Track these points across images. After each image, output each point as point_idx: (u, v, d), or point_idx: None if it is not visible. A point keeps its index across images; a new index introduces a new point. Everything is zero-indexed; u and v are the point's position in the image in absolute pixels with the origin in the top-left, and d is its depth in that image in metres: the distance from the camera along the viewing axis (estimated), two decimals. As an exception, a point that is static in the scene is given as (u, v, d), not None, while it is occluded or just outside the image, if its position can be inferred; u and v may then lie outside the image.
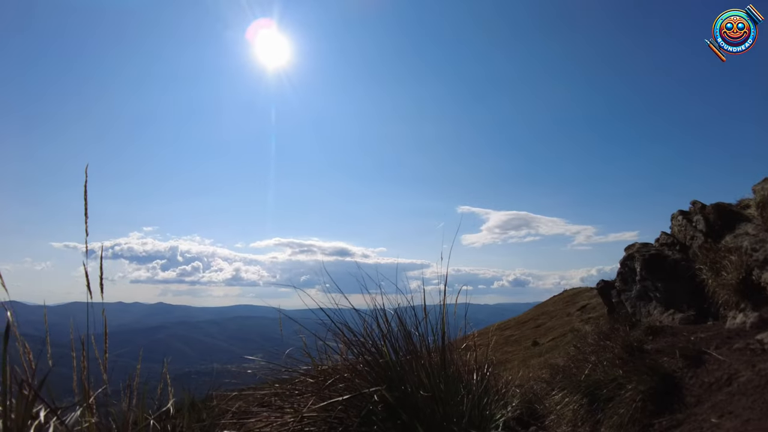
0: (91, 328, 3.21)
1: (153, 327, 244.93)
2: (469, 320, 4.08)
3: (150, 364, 3.77)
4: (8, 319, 2.57)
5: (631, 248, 8.25)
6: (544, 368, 7.80)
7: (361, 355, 3.38)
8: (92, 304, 3.15)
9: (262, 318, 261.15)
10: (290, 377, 3.59)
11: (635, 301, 7.76)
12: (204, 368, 5.66)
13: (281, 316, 4.20)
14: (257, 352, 3.95)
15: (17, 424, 2.36)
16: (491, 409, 3.43)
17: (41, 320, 3.21)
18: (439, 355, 3.44)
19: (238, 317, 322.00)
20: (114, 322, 33.24)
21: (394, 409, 2.98)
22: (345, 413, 3.01)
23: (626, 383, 3.93)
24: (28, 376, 2.81)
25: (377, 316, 3.52)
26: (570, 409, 4.33)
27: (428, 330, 3.60)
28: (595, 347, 5.23)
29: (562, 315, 17.37)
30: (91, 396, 3.09)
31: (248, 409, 3.40)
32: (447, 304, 3.69)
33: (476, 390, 3.39)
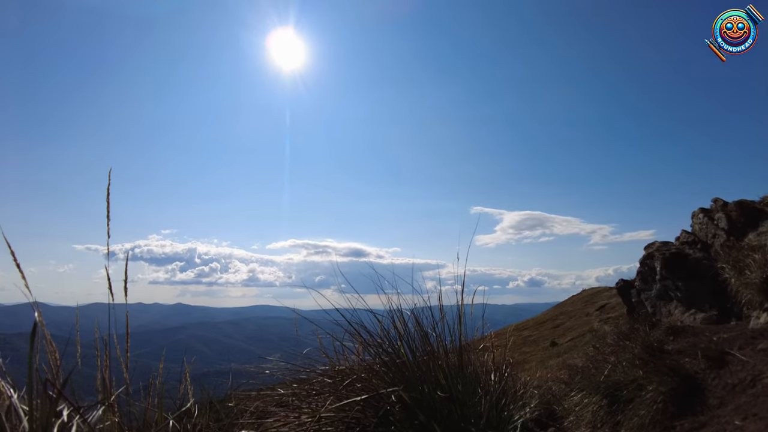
0: (112, 329, 3.26)
1: (173, 327, 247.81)
2: (487, 321, 4.06)
3: (169, 364, 3.81)
4: (35, 320, 2.62)
5: (651, 247, 8.13)
6: (563, 369, 7.73)
7: (378, 355, 3.38)
8: (113, 305, 3.21)
9: (279, 318, 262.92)
10: (308, 377, 3.61)
11: (655, 300, 7.65)
12: (222, 368, 5.72)
13: (297, 316, 4.22)
14: (275, 352, 3.97)
15: (42, 423, 2.41)
16: (509, 410, 3.41)
17: (64, 321, 3.28)
18: (456, 355, 3.43)
19: (256, 317, 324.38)
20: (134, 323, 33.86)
21: (412, 409, 2.98)
22: (362, 413, 3.02)
23: (647, 384, 3.87)
24: (52, 375, 2.86)
25: (393, 316, 3.52)
26: (589, 410, 4.29)
27: (445, 330, 3.59)
28: (614, 347, 5.17)
29: (581, 315, 17.19)
30: (113, 395, 3.14)
31: (266, 409, 3.42)
32: (464, 305, 3.68)
33: (494, 391, 3.37)
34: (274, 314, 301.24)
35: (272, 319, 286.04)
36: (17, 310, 26.77)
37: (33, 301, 2.85)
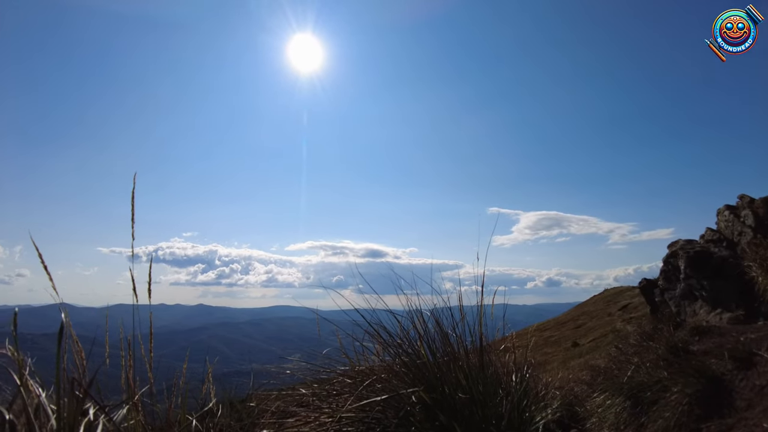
0: (136, 329, 3.32)
1: (194, 328, 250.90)
2: (507, 321, 4.04)
3: (191, 364, 3.87)
4: (62, 320, 2.69)
5: (675, 245, 7.99)
6: (585, 370, 7.63)
7: (398, 356, 3.39)
8: (137, 306, 3.27)
9: (299, 318, 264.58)
10: (328, 377, 3.63)
11: (679, 300, 7.51)
12: (244, 368, 5.78)
13: (317, 317, 4.24)
14: (295, 352, 4.00)
15: (69, 421, 2.46)
16: (531, 411, 3.39)
17: (89, 321, 3.35)
18: (477, 356, 3.42)
19: (276, 318, 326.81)
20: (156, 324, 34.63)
21: (432, 410, 2.98)
22: (383, 414, 3.02)
23: (672, 386, 3.80)
24: (79, 375, 2.92)
25: (413, 317, 3.53)
26: (612, 412, 4.22)
27: (465, 331, 3.58)
28: (637, 348, 5.09)
29: (603, 315, 16.97)
30: (137, 395, 3.20)
31: (287, 409, 3.45)
32: (484, 305, 3.67)
33: (515, 392, 3.35)
34: (294, 314, 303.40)
35: (292, 319, 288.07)
36: (45, 311, 27.50)
37: (59, 303, 2.92)
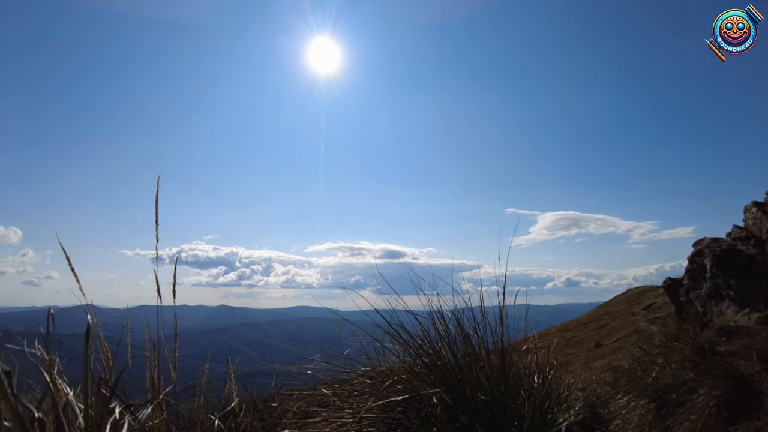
0: (159, 330, 3.38)
1: (217, 329, 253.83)
2: (529, 322, 4.00)
3: (214, 365, 3.92)
4: (89, 321, 2.75)
5: (700, 243, 7.82)
6: (608, 371, 7.52)
7: (418, 357, 3.38)
8: (160, 307, 3.32)
9: (319, 319, 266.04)
10: (349, 378, 3.64)
11: (706, 299, 7.35)
12: (265, 369, 5.83)
13: (338, 317, 4.26)
14: (316, 352, 4.03)
15: (96, 420, 2.52)
16: (553, 412, 3.35)
17: (113, 322, 3.42)
18: (498, 357, 3.40)
19: (297, 318, 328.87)
20: (179, 324, 35.09)
21: (454, 411, 2.97)
22: (404, 414, 3.02)
23: (698, 387, 3.73)
24: (105, 374, 2.98)
25: (434, 317, 3.52)
26: (636, 414, 4.15)
27: (487, 332, 3.57)
28: (662, 349, 5.01)
29: (627, 315, 16.68)
30: (161, 394, 3.25)
31: (308, 410, 3.47)
32: (506, 306, 3.65)
33: (537, 393, 3.32)
34: (314, 315, 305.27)
35: (312, 320, 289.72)
36: (72, 312, 28.31)
37: (86, 304, 2.99)
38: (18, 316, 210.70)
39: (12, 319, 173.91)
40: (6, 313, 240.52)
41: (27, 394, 2.76)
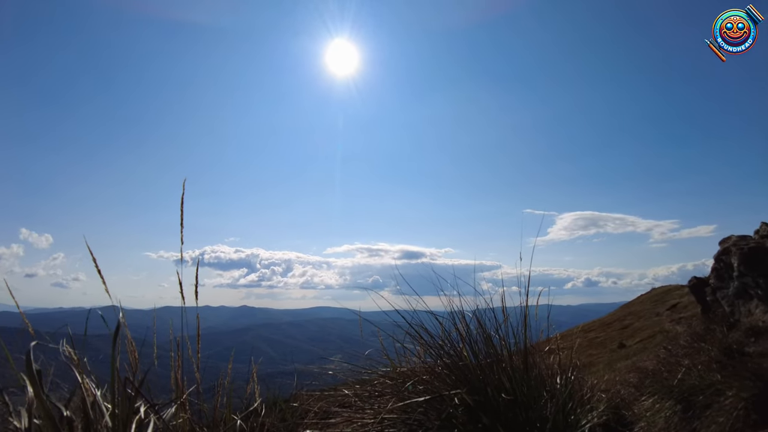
0: (183, 331, 3.43)
1: (238, 329, 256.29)
2: (551, 322, 3.97)
3: (236, 365, 3.96)
4: (118, 322, 2.81)
5: (727, 241, 7.65)
6: (632, 372, 7.39)
7: (439, 357, 3.37)
8: (184, 307, 3.37)
9: (339, 319, 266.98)
10: (369, 378, 3.65)
11: (733, 299, 7.19)
12: (286, 369, 5.87)
13: (358, 318, 4.28)
14: (336, 353, 4.04)
15: (122, 419, 2.57)
16: (576, 414, 3.32)
17: (137, 323, 3.48)
18: (521, 358, 3.37)
19: (317, 319, 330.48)
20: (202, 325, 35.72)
21: (475, 412, 2.95)
22: (425, 415, 3.02)
23: (726, 389, 3.65)
24: (131, 374, 3.04)
25: (455, 318, 3.51)
26: (662, 416, 4.08)
27: (509, 333, 3.54)
28: (688, 349, 4.91)
29: (651, 315, 16.38)
30: (185, 394, 3.30)
31: (329, 410, 3.49)
32: (528, 306, 3.62)
33: (560, 394, 3.28)
34: (334, 315, 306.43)
35: (332, 320, 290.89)
36: (98, 313, 29.13)
37: (111, 305, 3.05)
38: (46, 317, 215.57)
39: (40, 320, 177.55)
40: (34, 314, 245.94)
41: (56, 393, 2.83)
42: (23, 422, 2.39)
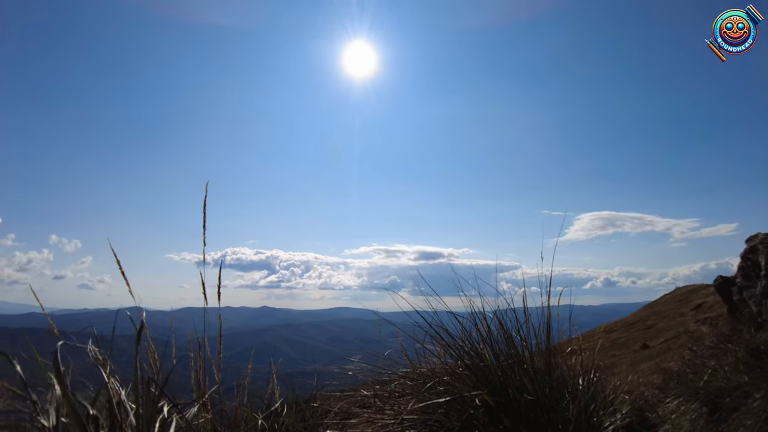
0: (204, 331, 3.48)
1: (259, 330, 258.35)
2: (573, 322, 3.93)
3: (256, 365, 3.99)
4: (141, 322, 2.86)
5: (754, 239, 7.46)
6: (656, 373, 7.26)
7: (460, 358, 3.36)
8: (206, 308, 3.42)
9: (358, 320, 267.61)
10: (389, 379, 3.65)
11: (761, 299, 7.01)
12: (306, 369, 5.90)
13: (378, 318, 4.28)
14: (356, 353, 4.05)
15: (146, 417, 2.61)
16: (599, 416, 3.27)
17: (159, 324, 3.54)
18: (542, 359, 3.34)
19: (337, 319, 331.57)
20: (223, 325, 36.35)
21: (496, 413, 2.93)
22: (445, 416, 3.01)
23: (753, 391, 3.57)
24: (154, 374, 3.09)
25: (475, 318, 3.49)
26: (687, 418, 4.01)
27: (530, 333, 3.51)
28: (714, 350, 4.81)
29: (675, 315, 16.07)
30: (206, 394, 3.34)
31: (350, 410, 3.49)
32: (545, 306, 3.59)
33: (582, 396, 3.25)
34: (353, 316, 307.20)
35: (352, 320, 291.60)
36: (122, 314, 29.80)
37: (134, 306, 3.11)
38: (71, 317, 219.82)
39: (66, 321, 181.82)
40: (61, 315, 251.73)
41: (81, 392, 2.88)
42: (51, 420, 2.44)
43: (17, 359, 2.64)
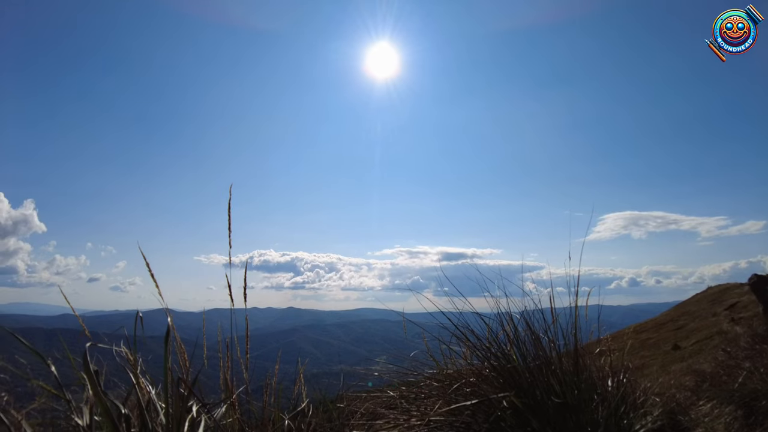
0: (232, 332, 3.53)
1: (285, 330, 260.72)
2: (602, 323, 3.87)
3: (283, 365, 4.03)
4: (168, 324, 2.92)
5: (790, 239, 7.24)
6: (688, 375, 7.09)
7: (486, 359, 3.33)
8: (233, 309, 3.47)
9: (383, 321, 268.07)
10: (416, 380, 3.64)
11: (798, 299, 6.82)
12: (332, 369, 5.93)
13: (402, 319, 4.28)
14: (381, 354, 4.06)
15: (176, 417, 2.66)
16: (629, 418, 3.21)
17: (188, 325, 3.60)
18: (570, 360, 3.30)
19: (362, 320, 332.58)
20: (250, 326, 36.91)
21: (524, 415, 2.90)
22: (472, 418, 2.99)
23: (792, 394, 3.47)
24: (183, 374, 3.15)
25: (502, 319, 3.46)
26: (721, 422, 3.90)
27: (558, 334, 3.47)
28: (749, 352, 4.69)
29: (707, 315, 15.66)
30: (234, 394, 3.39)
31: (376, 411, 3.49)
32: (572, 307, 3.54)
33: (612, 397, 3.19)
34: (378, 317, 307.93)
35: (377, 321, 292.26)
36: (152, 315, 30.40)
37: (164, 308, 3.17)
38: (103, 319, 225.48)
39: (98, 322, 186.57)
40: (93, 317, 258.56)
41: (113, 392, 2.95)
42: (85, 419, 2.50)
43: (51, 359, 2.71)
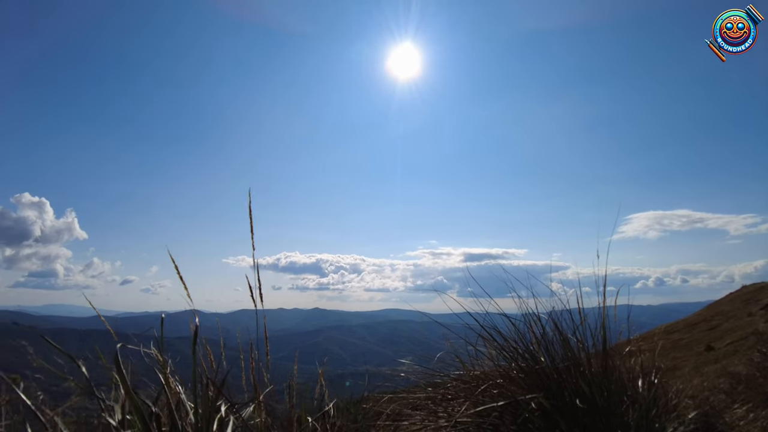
0: (258, 332, 3.56)
1: (311, 331, 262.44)
2: (631, 323, 3.79)
3: (308, 366, 4.05)
4: (196, 325, 2.97)
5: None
6: (722, 377, 6.90)
7: (514, 361, 3.30)
8: (258, 310, 3.50)
9: (409, 321, 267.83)
10: (442, 381, 3.62)
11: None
12: (357, 370, 5.95)
13: (428, 320, 4.27)
14: (407, 355, 4.05)
15: (205, 416, 2.69)
16: (661, 421, 3.13)
17: (215, 326, 3.64)
18: (599, 361, 3.24)
19: (388, 321, 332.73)
20: (276, 327, 37.07)
21: (552, 417, 2.86)
22: (500, 420, 2.96)
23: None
24: (212, 375, 3.19)
25: (529, 320, 3.42)
26: (758, 426, 3.79)
27: (587, 335, 3.41)
28: (787, 353, 4.54)
29: (742, 315, 15.20)
30: (261, 394, 3.42)
31: (402, 412, 3.49)
32: (606, 306, 3.48)
33: (643, 400, 3.12)
34: (404, 317, 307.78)
35: (402, 322, 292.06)
36: (180, 317, 31.20)
37: (192, 309, 3.22)
38: (133, 320, 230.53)
39: (128, 323, 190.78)
40: (123, 318, 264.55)
41: (144, 391, 3.01)
42: (116, 417, 2.56)
43: (83, 360, 2.78)
